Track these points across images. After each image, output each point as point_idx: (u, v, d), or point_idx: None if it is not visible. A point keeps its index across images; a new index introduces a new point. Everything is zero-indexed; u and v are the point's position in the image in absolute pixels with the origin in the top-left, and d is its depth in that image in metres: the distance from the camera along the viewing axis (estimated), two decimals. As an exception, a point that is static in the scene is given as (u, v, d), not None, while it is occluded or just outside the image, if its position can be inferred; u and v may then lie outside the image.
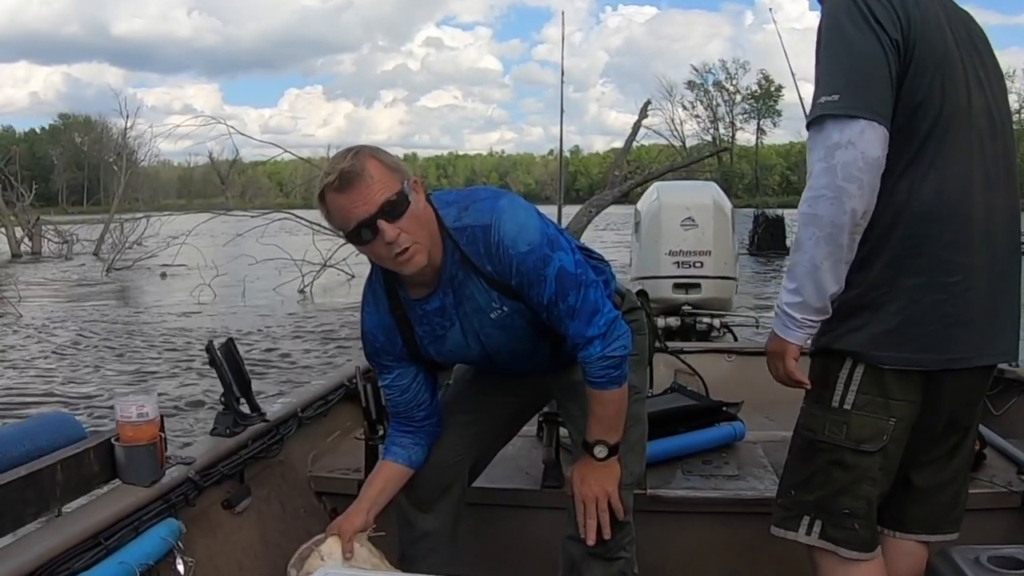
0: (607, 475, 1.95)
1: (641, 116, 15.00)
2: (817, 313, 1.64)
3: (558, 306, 1.81)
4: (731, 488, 2.51)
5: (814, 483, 1.73)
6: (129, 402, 2.00)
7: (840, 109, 1.54)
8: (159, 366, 8.47)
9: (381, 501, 1.98)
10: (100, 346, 9.69)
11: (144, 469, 1.99)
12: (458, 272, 1.83)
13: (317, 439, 2.80)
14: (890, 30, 1.56)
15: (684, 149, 59.51)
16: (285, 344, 9.66)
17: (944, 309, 1.60)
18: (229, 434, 2.34)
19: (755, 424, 2.96)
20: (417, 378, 1.99)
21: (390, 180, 1.70)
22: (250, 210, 16.26)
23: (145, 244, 20.75)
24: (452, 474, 2.10)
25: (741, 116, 74.06)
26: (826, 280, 1.60)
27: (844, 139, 1.53)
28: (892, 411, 1.65)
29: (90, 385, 7.61)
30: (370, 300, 1.95)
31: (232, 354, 2.38)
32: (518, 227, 1.78)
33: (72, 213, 42.70)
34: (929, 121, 1.58)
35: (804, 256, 1.61)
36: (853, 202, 1.54)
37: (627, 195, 14.03)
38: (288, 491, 2.54)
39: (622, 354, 1.86)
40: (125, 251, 20.56)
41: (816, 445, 1.72)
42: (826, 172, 1.55)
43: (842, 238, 1.56)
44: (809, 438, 1.74)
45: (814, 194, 1.57)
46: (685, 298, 5.13)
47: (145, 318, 12.12)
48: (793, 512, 1.78)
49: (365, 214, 1.69)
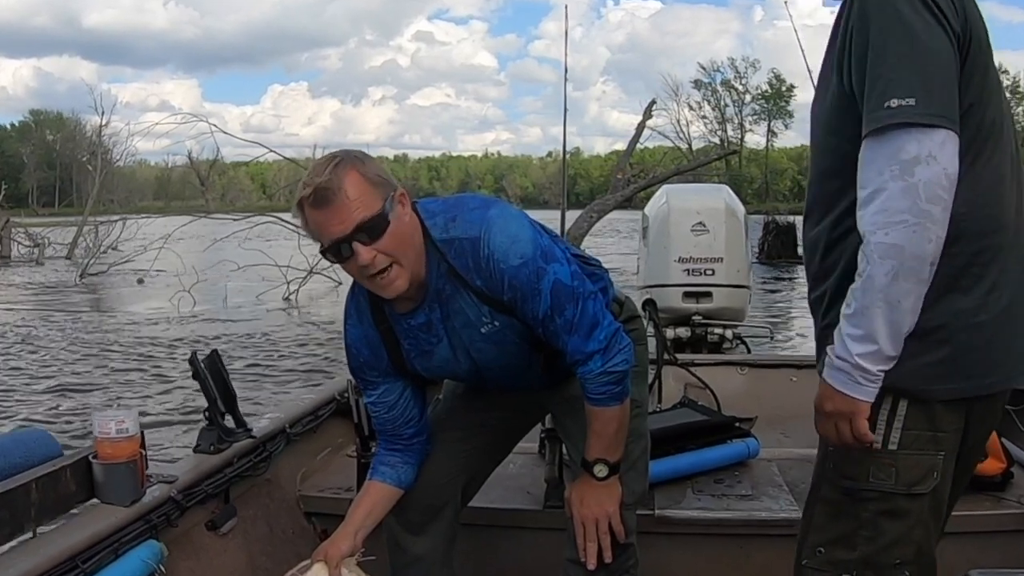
0: (607, 495, 1.95)
1: (645, 117, 15.10)
2: (891, 363, 1.47)
3: (554, 321, 1.81)
4: (744, 509, 2.51)
5: (858, 539, 1.58)
6: (108, 417, 1.99)
7: (919, 117, 1.37)
8: (139, 378, 8.45)
9: (369, 524, 1.97)
10: (76, 357, 9.66)
11: (124, 488, 1.99)
12: (445, 286, 1.82)
13: (306, 456, 2.79)
14: (953, 22, 1.41)
15: (690, 152, 59.63)
16: (271, 355, 9.65)
17: (988, 332, 1.51)
18: (214, 451, 2.34)
19: (770, 441, 2.97)
20: (405, 394, 1.98)
21: (370, 198, 1.69)
22: (232, 213, 16.32)
23: (121, 248, 20.69)
24: (444, 494, 2.09)
25: (751, 117, 74.36)
26: (906, 323, 1.43)
27: (924, 152, 1.36)
28: (940, 444, 1.54)
29: (66, 399, 7.58)
30: (353, 313, 1.95)
31: (217, 366, 2.39)
32: (509, 239, 1.76)
33: (43, 215, 42.74)
34: (971, 130, 1.46)
35: (878, 296, 1.42)
36: (938, 228, 1.38)
37: (630, 200, 14.08)
38: (276, 511, 2.53)
39: (624, 369, 1.86)
40: (100, 255, 20.52)
41: (859, 495, 1.56)
42: (906, 193, 1.37)
43: (925, 271, 1.40)
44: (848, 488, 1.57)
45: (890, 219, 1.38)
46: (695, 307, 5.11)
47: (122, 327, 12.08)
48: (826, 573, 1.61)
49: (340, 233, 1.68)
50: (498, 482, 2.32)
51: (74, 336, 11.18)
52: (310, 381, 7.92)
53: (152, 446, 2.15)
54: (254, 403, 6.31)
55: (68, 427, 6.46)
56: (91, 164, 28.03)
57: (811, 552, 1.64)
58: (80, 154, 56.19)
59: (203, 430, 2.39)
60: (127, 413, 2.03)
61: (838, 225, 1.54)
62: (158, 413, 6.86)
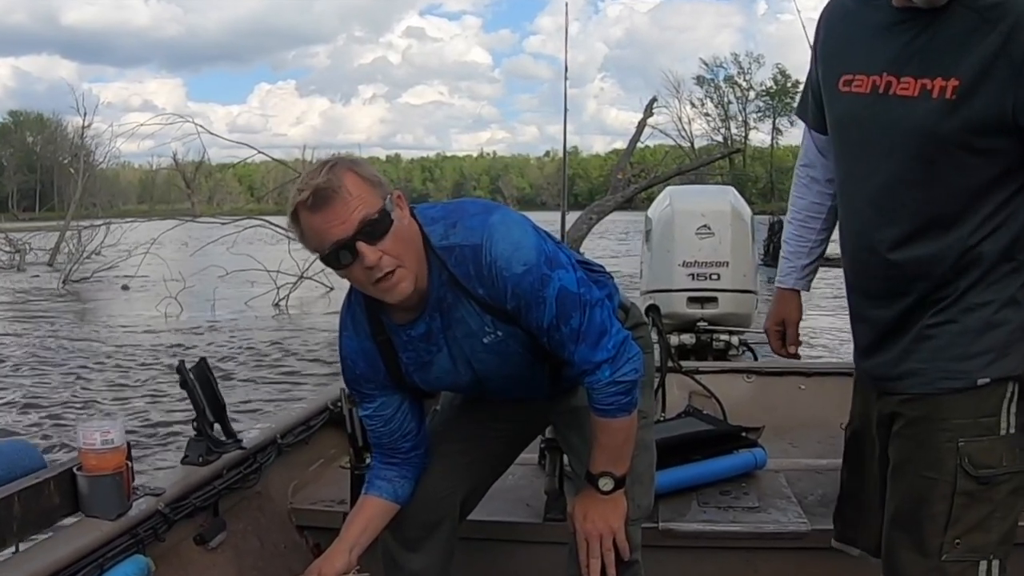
0: (612, 510, 1.95)
1: (646, 114, 15.12)
2: None
3: (560, 330, 1.80)
4: (751, 521, 2.51)
5: (993, 521, 1.72)
6: (92, 428, 1.99)
7: None
8: (124, 388, 8.44)
9: (364, 540, 1.97)
10: (58, 366, 9.64)
11: (109, 501, 1.98)
12: (446, 294, 1.81)
13: (298, 468, 2.79)
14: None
15: (693, 150, 59.75)
16: (260, 363, 9.64)
17: None
18: (202, 462, 2.34)
19: (777, 451, 2.96)
20: (402, 407, 1.97)
21: (370, 196, 1.68)
22: (219, 217, 16.30)
23: (104, 254, 20.70)
24: (442, 509, 2.09)
25: (755, 114, 74.43)
26: None
27: None
28: None
29: (49, 410, 7.55)
30: (349, 324, 1.93)
31: (205, 375, 2.38)
32: (512, 246, 1.75)
33: (24, 219, 42.75)
34: None
35: None
36: None
37: (631, 201, 14.10)
38: (267, 525, 2.53)
39: (633, 378, 1.85)
40: (83, 261, 20.51)
41: (995, 479, 1.70)
42: None
43: None
44: (987, 476, 1.70)
45: None
46: (700, 313, 5.12)
47: (107, 335, 12.08)
48: (968, 562, 1.72)
49: (343, 234, 1.66)
50: (497, 494, 2.31)
51: (57, 344, 11.15)
52: (302, 390, 7.92)
53: (139, 458, 2.15)
54: (244, 413, 6.29)
55: (52, 438, 6.45)
56: (73, 167, 28.07)
57: (950, 546, 1.72)
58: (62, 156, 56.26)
59: (191, 441, 2.38)
60: (112, 423, 2.02)
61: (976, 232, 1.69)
62: (145, 423, 6.84)
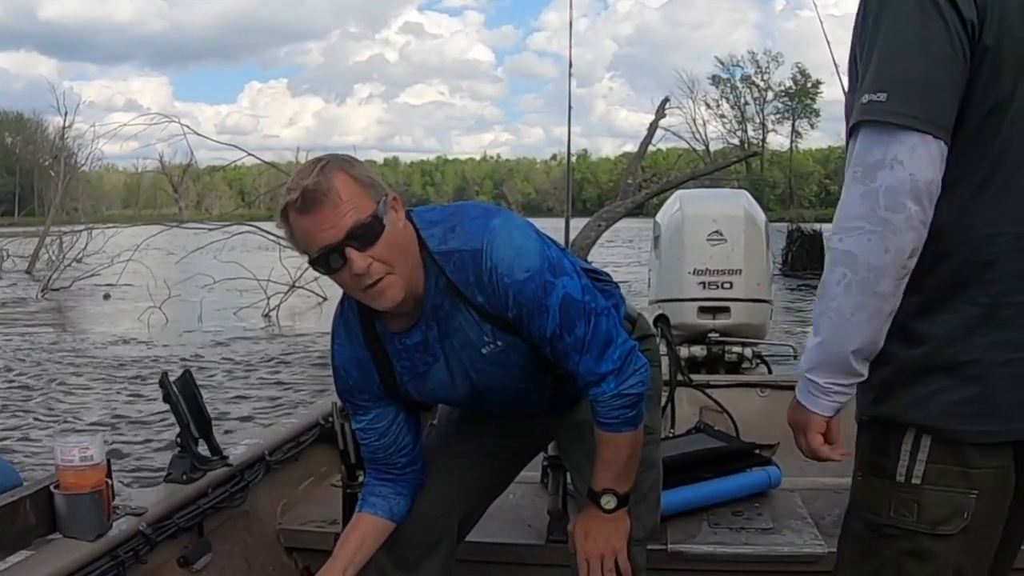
0: (615, 529, 1.95)
1: (658, 116, 15.08)
2: (849, 378, 1.48)
3: (563, 339, 1.81)
4: (764, 543, 2.51)
5: None
6: (71, 444, 2.00)
7: (886, 115, 1.36)
8: (105, 402, 8.45)
9: (359, 560, 1.97)
10: (36, 378, 9.66)
11: (88, 521, 1.99)
12: (444, 301, 1.82)
13: (287, 486, 2.80)
14: (964, 8, 1.36)
15: (707, 154, 59.59)
16: (249, 377, 9.66)
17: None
18: (186, 480, 2.35)
19: (792, 469, 2.96)
20: (397, 419, 1.98)
21: (362, 200, 1.69)
22: (207, 222, 16.30)
23: (86, 261, 20.71)
24: (439, 528, 2.09)
25: (773, 116, 74.07)
26: (856, 338, 1.43)
27: (889, 156, 1.36)
28: (973, 482, 1.48)
29: (26, 424, 7.57)
30: (342, 332, 1.94)
31: (190, 388, 2.39)
32: (514, 251, 1.76)
33: (2, 225, 42.75)
34: (1003, 134, 1.41)
35: (828, 305, 1.44)
36: (899, 239, 1.37)
37: (641, 207, 14.08)
38: (254, 546, 2.54)
39: (639, 391, 1.86)
40: (63, 269, 20.53)
41: (882, 531, 1.54)
42: (865, 198, 1.38)
43: (882, 285, 1.40)
44: (872, 523, 1.55)
45: (847, 224, 1.40)
46: (712, 324, 5.10)
47: (87, 346, 12.09)
48: None
49: (331, 239, 1.67)
50: (497, 514, 2.32)
51: (35, 356, 11.17)
52: (292, 404, 7.92)
53: (119, 475, 2.16)
54: (231, 428, 6.29)
55: (28, 455, 6.45)
56: (53, 169, 28.07)
57: None
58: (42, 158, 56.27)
59: (175, 458, 2.39)
60: (92, 439, 2.03)
61: None
62: (126, 439, 6.85)
